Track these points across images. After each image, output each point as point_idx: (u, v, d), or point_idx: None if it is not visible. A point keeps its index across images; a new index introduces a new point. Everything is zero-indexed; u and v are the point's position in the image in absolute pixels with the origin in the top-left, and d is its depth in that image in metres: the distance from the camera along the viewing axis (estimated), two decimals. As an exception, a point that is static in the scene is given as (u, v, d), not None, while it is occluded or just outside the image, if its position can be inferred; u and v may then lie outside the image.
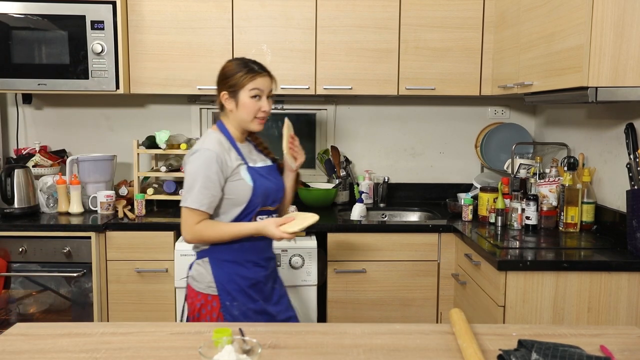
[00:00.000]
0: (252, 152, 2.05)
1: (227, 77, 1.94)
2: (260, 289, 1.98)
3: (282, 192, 2.05)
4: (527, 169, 2.94)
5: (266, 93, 1.95)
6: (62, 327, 1.57)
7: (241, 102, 1.92)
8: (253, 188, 1.91)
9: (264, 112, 1.94)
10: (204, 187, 1.85)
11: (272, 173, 2.03)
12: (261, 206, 1.96)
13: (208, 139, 1.92)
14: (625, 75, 2.03)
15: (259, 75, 1.93)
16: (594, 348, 1.45)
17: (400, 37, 2.97)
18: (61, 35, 2.84)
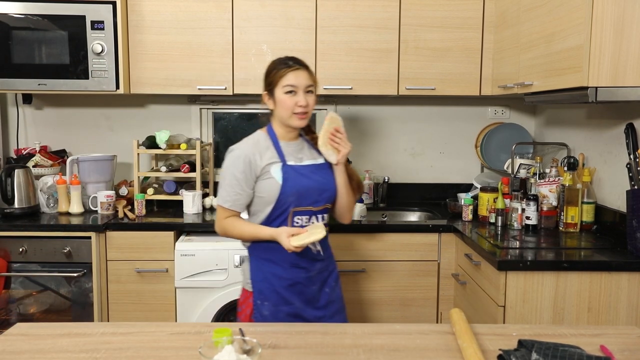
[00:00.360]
0: (304, 149, 2.02)
1: (265, 77, 1.99)
2: (299, 290, 1.96)
3: (330, 191, 2.00)
4: (527, 169, 2.94)
5: (302, 88, 1.92)
6: (62, 327, 1.58)
7: (277, 99, 1.94)
8: (282, 186, 1.90)
9: (301, 107, 1.92)
10: (229, 185, 1.93)
11: (319, 172, 1.99)
12: (295, 206, 1.93)
13: (245, 139, 1.99)
14: (625, 75, 2.03)
15: (291, 70, 1.92)
16: (594, 348, 1.45)
17: (400, 37, 2.97)
18: (61, 35, 2.85)
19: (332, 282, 2.06)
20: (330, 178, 2.01)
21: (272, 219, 1.95)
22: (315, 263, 1.99)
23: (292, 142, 2.01)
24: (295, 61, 1.95)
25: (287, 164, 1.94)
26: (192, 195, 2.99)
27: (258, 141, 1.97)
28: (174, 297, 2.75)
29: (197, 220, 2.85)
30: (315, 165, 2.00)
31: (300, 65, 1.94)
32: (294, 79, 1.91)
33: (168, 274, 2.75)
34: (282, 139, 2.00)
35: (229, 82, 2.98)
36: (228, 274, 2.67)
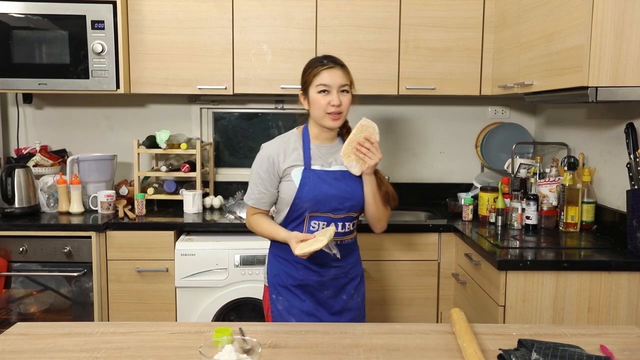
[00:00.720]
0: (337, 153, 1.95)
1: (301, 76, 1.95)
2: (310, 292, 1.96)
3: (354, 201, 1.93)
4: (527, 169, 2.94)
5: (336, 87, 1.87)
6: (63, 326, 1.58)
7: (311, 98, 1.90)
8: (298, 191, 1.88)
9: (333, 107, 1.86)
10: (254, 184, 1.95)
11: (344, 179, 1.93)
12: (311, 211, 1.90)
13: (278, 137, 1.99)
14: (625, 75, 2.02)
15: (324, 69, 1.87)
16: (594, 348, 1.45)
17: (401, 37, 2.97)
18: (61, 35, 2.85)
19: (351, 290, 2.02)
20: (357, 187, 1.94)
21: (289, 222, 1.96)
22: (330, 269, 1.95)
23: (326, 145, 1.97)
24: (330, 59, 1.90)
25: (310, 168, 1.91)
26: (193, 195, 3.00)
27: (288, 141, 1.96)
28: (174, 297, 2.75)
29: (197, 220, 2.86)
30: (343, 171, 1.94)
31: (334, 64, 1.89)
32: (327, 78, 1.86)
33: (168, 273, 2.75)
34: (315, 139, 1.96)
35: (229, 82, 2.98)
36: (228, 274, 2.67)
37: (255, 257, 2.67)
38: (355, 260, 2.04)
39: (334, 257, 1.84)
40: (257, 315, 2.75)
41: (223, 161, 3.50)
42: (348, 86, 1.89)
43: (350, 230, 1.98)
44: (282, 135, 2.00)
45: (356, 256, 2.06)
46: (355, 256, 2.05)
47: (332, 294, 1.97)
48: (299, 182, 1.88)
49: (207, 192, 3.29)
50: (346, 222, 1.95)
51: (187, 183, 3.26)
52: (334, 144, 1.98)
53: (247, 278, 2.67)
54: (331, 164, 1.94)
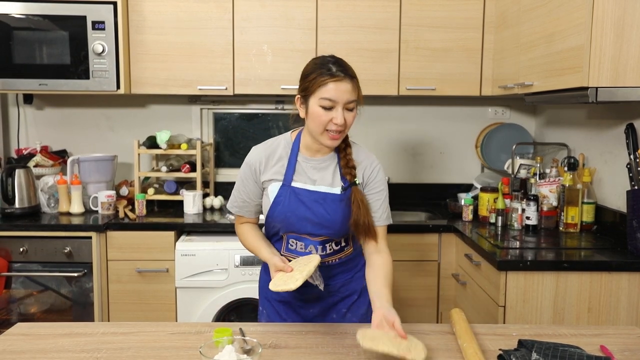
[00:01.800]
0: (326, 170, 1.70)
1: (302, 77, 1.65)
2: (294, 309, 1.79)
3: (332, 229, 1.68)
4: (527, 169, 2.94)
5: (342, 103, 1.57)
6: (63, 327, 1.58)
7: (310, 109, 1.61)
8: (270, 209, 1.70)
9: (335, 125, 1.58)
10: (236, 190, 1.80)
11: (325, 203, 1.67)
12: (285, 231, 1.71)
13: (268, 141, 1.77)
14: (626, 75, 2.03)
15: (333, 80, 1.56)
16: (594, 348, 1.45)
17: (401, 37, 2.97)
18: (62, 35, 2.85)
19: (342, 309, 1.79)
20: (337, 214, 1.67)
21: (269, 237, 1.79)
22: (313, 290, 1.70)
23: (316, 158, 1.71)
24: (340, 68, 1.58)
25: (289, 184, 1.68)
26: (193, 196, 3.00)
27: (276, 148, 1.73)
28: (174, 297, 2.75)
29: (197, 220, 2.86)
30: (326, 194, 1.68)
31: (344, 75, 1.57)
32: (334, 92, 1.56)
33: (168, 273, 2.75)
34: (305, 151, 1.71)
35: (229, 83, 2.98)
36: (228, 274, 2.67)
37: (256, 257, 2.66)
38: (348, 278, 1.79)
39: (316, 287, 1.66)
40: (257, 316, 2.75)
41: (223, 162, 3.51)
42: (355, 102, 1.61)
43: (333, 251, 1.74)
44: (272, 139, 1.78)
45: (351, 273, 1.80)
46: (348, 274, 1.79)
47: (319, 313, 1.78)
48: (272, 199, 1.69)
49: (208, 193, 3.29)
50: (326, 244, 1.71)
51: (188, 183, 3.26)
52: (325, 157, 1.71)
53: (248, 278, 2.67)
54: (315, 182, 1.69)
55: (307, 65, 1.65)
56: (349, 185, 1.67)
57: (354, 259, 1.81)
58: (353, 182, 1.68)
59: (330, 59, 1.62)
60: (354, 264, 1.81)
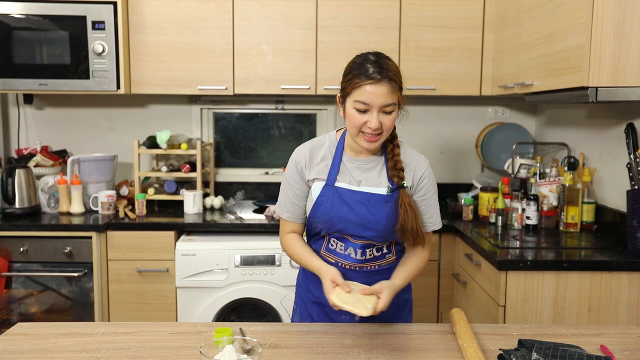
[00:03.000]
0: (372, 170, 1.64)
1: (343, 76, 1.59)
2: (326, 312, 1.74)
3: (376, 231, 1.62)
4: (527, 169, 2.94)
5: (377, 107, 1.51)
6: (63, 326, 1.58)
7: (346, 111, 1.56)
8: (312, 209, 1.66)
9: (370, 129, 1.53)
10: (284, 193, 1.71)
11: (370, 204, 1.61)
12: (326, 232, 1.68)
13: (314, 139, 1.73)
14: (626, 75, 2.03)
15: (369, 83, 1.49)
16: (594, 348, 1.45)
17: (401, 37, 2.97)
18: (62, 35, 2.85)
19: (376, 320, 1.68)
20: (381, 216, 1.61)
21: (310, 236, 1.75)
22: None
23: (361, 158, 1.65)
24: (378, 69, 1.50)
25: (332, 184, 1.63)
26: (193, 195, 3.00)
27: (322, 146, 1.68)
28: (174, 297, 2.75)
29: (197, 220, 2.86)
30: (371, 195, 1.62)
31: (381, 77, 1.49)
32: (368, 96, 1.50)
33: (169, 273, 2.75)
34: (350, 151, 1.66)
35: (229, 82, 2.98)
36: (229, 274, 2.67)
37: (256, 257, 2.67)
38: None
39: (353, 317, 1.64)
40: (257, 316, 2.76)
41: (223, 161, 3.51)
42: (393, 105, 1.54)
43: (373, 257, 1.68)
44: (317, 137, 1.73)
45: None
46: None
47: (351, 320, 1.72)
48: (315, 199, 1.64)
49: (208, 193, 3.29)
50: (366, 249, 1.66)
51: (188, 183, 3.26)
52: (371, 158, 1.65)
53: (248, 278, 2.67)
54: (360, 183, 1.63)
55: (349, 63, 1.59)
56: (397, 187, 1.61)
57: (393, 268, 1.70)
58: (401, 185, 1.61)
59: (371, 58, 1.54)
60: None
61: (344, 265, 1.67)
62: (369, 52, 1.58)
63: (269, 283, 2.68)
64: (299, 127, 3.50)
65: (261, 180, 3.45)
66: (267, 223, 2.82)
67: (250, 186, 3.44)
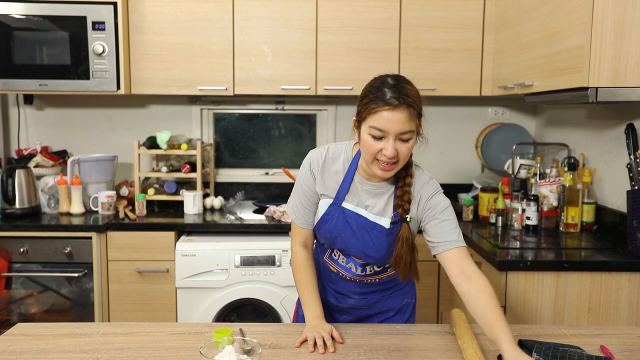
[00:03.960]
0: (380, 198, 1.60)
1: (360, 99, 1.52)
2: (330, 312, 1.75)
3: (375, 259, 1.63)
4: (527, 169, 2.94)
5: (394, 134, 1.43)
6: (63, 327, 1.58)
7: (361, 136, 1.50)
8: (317, 224, 1.64)
9: (385, 157, 1.45)
10: (297, 199, 1.67)
11: (373, 232, 1.59)
12: (329, 246, 1.69)
13: (330, 145, 1.66)
14: (626, 75, 2.03)
15: (386, 109, 1.42)
16: (594, 348, 1.45)
17: (401, 37, 2.97)
18: (62, 36, 2.85)
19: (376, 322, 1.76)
20: (382, 246, 1.59)
21: (316, 245, 1.76)
22: (348, 298, 1.72)
23: (373, 183, 1.60)
24: (396, 94, 1.43)
25: (340, 204, 1.60)
26: (193, 196, 3.00)
27: (337, 158, 1.63)
28: (174, 298, 2.75)
29: (197, 221, 2.86)
30: (375, 224, 1.59)
31: (400, 103, 1.42)
32: (384, 123, 1.42)
33: (169, 274, 2.75)
34: (363, 172, 1.60)
35: (229, 83, 2.98)
36: (229, 275, 2.67)
37: (256, 257, 2.67)
38: (385, 295, 1.74)
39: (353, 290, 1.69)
40: (257, 316, 2.75)
41: (223, 162, 3.51)
42: (410, 133, 1.45)
43: (374, 272, 1.68)
44: (333, 145, 1.66)
45: (388, 292, 1.74)
46: (386, 292, 1.74)
47: (352, 320, 1.76)
48: (321, 216, 1.62)
49: (208, 193, 3.29)
50: (366, 267, 1.66)
51: (188, 184, 3.26)
52: (382, 184, 1.59)
53: (248, 279, 2.67)
54: (367, 208, 1.60)
55: (366, 85, 1.53)
56: (399, 220, 1.57)
57: (395, 280, 1.72)
58: (404, 218, 1.57)
59: (390, 82, 1.48)
60: (394, 284, 1.74)
61: (344, 276, 1.70)
62: (387, 75, 1.52)
63: (269, 283, 2.68)
64: (299, 128, 3.50)
65: (261, 180, 3.45)
66: (267, 223, 2.82)
67: (250, 186, 3.44)
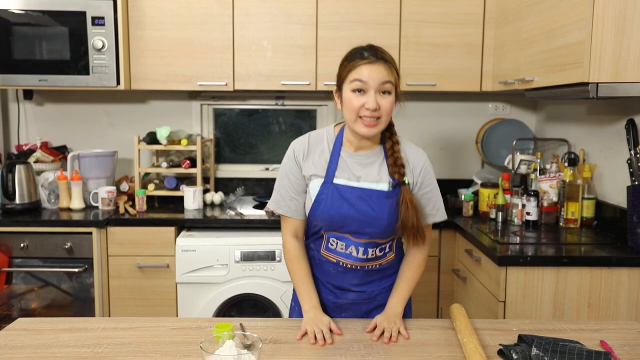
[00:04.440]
0: (372, 165, 1.61)
1: (339, 67, 1.59)
2: (327, 313, 1.67)
3: (378, 227, 1.59)
4: (527, 165, 2.94)
5: (375, 86, 1.49)
6: (64, 322, 1.58)
7: (344, 98, 1.55)
8: (312, 208, 1.62)
9: (368, 110, 1.50)
10: (282, 187, 1.67)
11: (371, 199, 1.58)
12: (327, 230, 1.64)
13: (312, 132, 1.69)
14: (626, 70, 2.02)
15: (364, 63, 1.50)
16: (594, 343, 1.45)
17: (401, 32, 2.97)
18: (62, 31, 2.84)
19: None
20: (383, 211, 1.58)
21: (309, 235, 1.72)
22: (349, 293, 1.70)
23: (361, 153, 1.62)
24: (372, 52, 1.53)
25: (331, 181, 1.60)
26: (193, 191, 3.00)
27: (320, 140, 1.65)
28: (175, 293, 2.76)
29: (198, 216, 2.86)
30: (372, 191, 1.59)
31: (376, 58, 1.51)
32: (364, 74, 1.49)
33: (169, 269, 2.75)
34: (349, 146, 1.62)
35: (229, 78, 2.98)
36: (229, 270, 2.67)
37: (256, 253, 2.67)
38: (386, 286, 1.72)
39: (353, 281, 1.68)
40: (257, 311, 2.76)
41: (224, 157, 3.51)
42: (390, 85, 1.51)
43: (375, 256, 1.66)
44: (315, 130, 1.70)
45: (390, 281, 1.72)
46: (387, 281, 1.72)
47: (351, 318, 1.72)
48: (314, 197, 1.61)
49: (208, 189, 3.29)
50: (369, 248, 1.63)
51: (188, 179, 3.26)
52: (370, 153, 1.62)
53: (248, 274, 2.68)
54: (360, 179, 1.60)
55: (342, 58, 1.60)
56: (398, 184, 1.59)
57: (394, 265, 1.72)
58: (402, 181, 1.59)
59: (365, 47, 1.56)
60: (393, 271, 1.72)
61: (345, 264, 1.66)
62: (363, 45, 1.59)
63: (269, 279, 2.68)
64: (299, 123, 3.50)
65: (261, 176, 3.45)
66: (267, 219, 2.82)
67: (250, 182, 3.44)
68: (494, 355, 1.38)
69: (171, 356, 1.37)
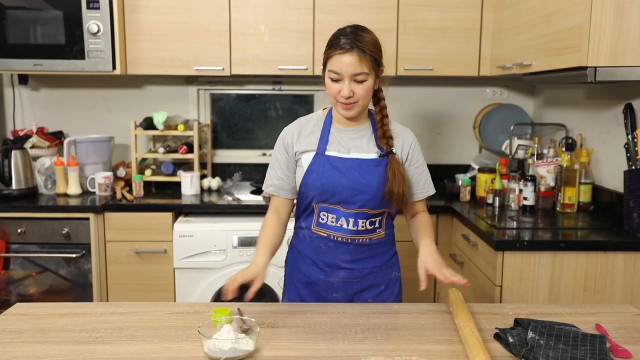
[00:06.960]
0: (361, 139, 1.71)
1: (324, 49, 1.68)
2: (317, 292, 1.76)
3: (369, 194, 1.65)
4: (525, 150, 2.94)
5: (348, 76, 1.58)
6: (62, 307, 1.59)
7: (325, 81, 1.66)
8: (304, 177, 1.69)
9: (342, 98, 1.61)
10: (271, 168, 1.78)
11: (361, 168, 1.66)
12: (318, 201, 1.69)
13: (301, 117, 1.80)
14: (625, 55, 2.01)
15: (338, 53, 1.58)
16: (590, 326, 1.47)
17: (399, 16, 2.95)
18: (56, 15, 2.81)
19: (367, 298, 1.76)
20: (373, 179, 1.66)
21: (300, 211, 1.77)
22: (339, 270, 1.73)
23: (350, 128, 1.72)
24: (349, 39, 1.59)
25: (323, 153, 1.68)
26: (190, 177, 2.99)
27: (308, 122, 1.75)
28: (172, 278, 2.76)
29: (195, 202, 2.86)
30: (361, 160, 1.67)
31: (351, 47, 1.57)
32: (338, 65, 1.58)
33: (167, 254, 2.76)
34: (338, 122, 1.72)
35: (226, 63, 2.96)
36: (226, 255, 2.68)
37: (254, 238, 2.67)
38: (376, 266, 1.77)
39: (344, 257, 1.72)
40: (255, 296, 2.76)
41: (221, 143, 3.49)
42: (364, 75, 1.59)
43: (365, 229, 1.70)
44: (305, 116, 1.81)
45: (380, 261, 1.78)
46: (377, 261, 1.77)
47: (342, 298, 1.75)
48: (306, 168, 1.68)
49: (205, 174, 3.29)
50: (359, 219, 1.68)
51: (185, 165, 3.25)
52: (359, 127, 1.72)
53: (246, 259, 2.68)
54: (350, 151, 1.69)
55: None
56: (386, 153, 1.68)
57: (385, 245, 1.79)
58: (390, 151, 1.68)
59: (347, 30, 1.65)
60: (383, 250, 1.79)
61: (335, 238, 1.71)
62: (348, 26, 1.68)
63: (267, 264, 2.69)
64: (296, 108, 3.49)
65: (258, 161, 3.44)
66: (264, 204, 2.80)
67: (247, 167, 3.43)
68: (491, 339, 1.39)
69: (169, 341, 1.37)
